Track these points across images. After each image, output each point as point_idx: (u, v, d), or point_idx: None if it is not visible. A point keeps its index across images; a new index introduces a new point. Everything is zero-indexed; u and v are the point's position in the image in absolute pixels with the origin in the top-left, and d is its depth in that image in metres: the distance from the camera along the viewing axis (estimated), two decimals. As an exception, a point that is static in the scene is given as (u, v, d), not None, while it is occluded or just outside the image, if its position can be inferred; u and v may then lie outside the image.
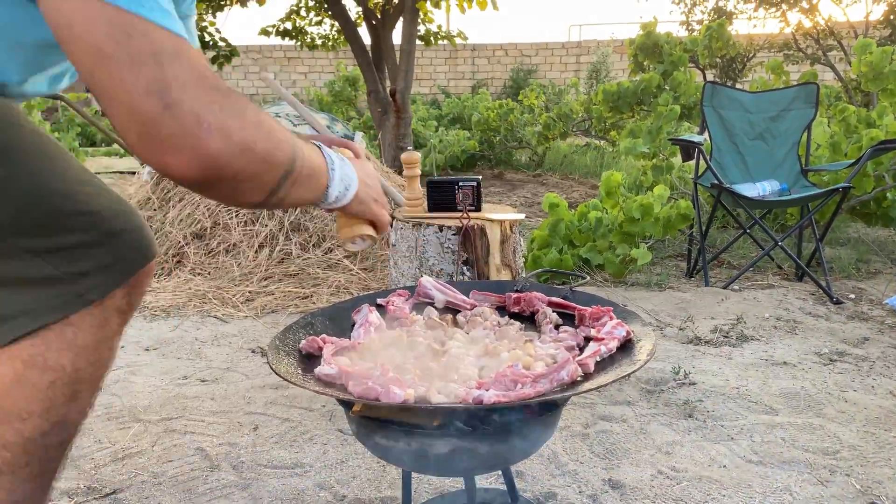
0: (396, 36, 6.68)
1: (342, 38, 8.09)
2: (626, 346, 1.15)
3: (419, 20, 6.82)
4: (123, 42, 0.73)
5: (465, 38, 8.19)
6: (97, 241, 0.94)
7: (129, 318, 1.03)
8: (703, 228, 3.46)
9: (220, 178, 0.79)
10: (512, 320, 1.32)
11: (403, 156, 2.35)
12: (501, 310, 1.41)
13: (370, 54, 6.62)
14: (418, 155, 2.37)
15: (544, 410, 1.08)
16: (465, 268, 2.21)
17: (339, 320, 1.34)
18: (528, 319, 1.35)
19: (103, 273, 0.95)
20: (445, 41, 8.01)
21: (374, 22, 6.77)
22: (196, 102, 0.75)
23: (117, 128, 0.77)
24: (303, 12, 8.33)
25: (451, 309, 1.41)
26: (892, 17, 10.21)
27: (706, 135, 3.76)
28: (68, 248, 0.92)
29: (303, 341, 1.18)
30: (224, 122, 0.77)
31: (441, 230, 2.21)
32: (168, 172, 0.77)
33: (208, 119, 0.75)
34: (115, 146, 9.19)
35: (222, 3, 7.28)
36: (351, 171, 1.05)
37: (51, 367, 0.96)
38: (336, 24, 7.98)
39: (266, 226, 3.59)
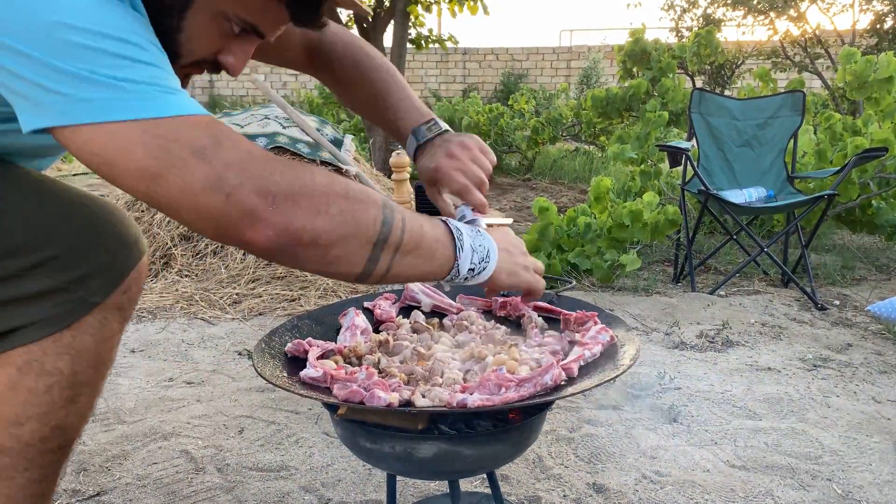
0: (388, 39, 6.68)
1: (333, 40, 8.07)
2: (610, 351, 1.16)
3: (410, 24, 6.83)
4: (163, 156, 0.74)
5: (456, 42, 8.20)
6: (86, 244, 0.92)
7: (128, 317, 1.02)
8: (690, 234, 3.48)
9: (300, 242, 0.79)
10: (498, 324, 1.33)
11: (392, 159, 2.36)
12: (488, 314, 1.42)
13: (361, 57, 6.62)
14: (407, 158, 2.38)
15: (528, 414, 1.09)
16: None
17: (326, 323, 1.35)
18: (514, 324, 1.36)
19: (100, 274, 0.94)
20: (436, 45, 8.01)
21: (364, 25, 6.77)
22: (255, 180, 0.76)
23: (194, 229, 0.80)
24: (294, 14, 8.32)
25: (438, 313, 1.41)
26: (878, 25, 10.32)
27: (694, 141, 3.79)
28: (58, 258, 0.90)
29: (289, 344, 1.18)
30: (289, 188, 0.78)
31: (429, 234, 2.21)
32: (253, 249, 0.79)
33: (272, 191, 0.77)
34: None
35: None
36: (487, 241, 0.98)
37: (48, 372, 0.94)
38: (327, 26, 7.96)
39: (254, 228, 3.58)
